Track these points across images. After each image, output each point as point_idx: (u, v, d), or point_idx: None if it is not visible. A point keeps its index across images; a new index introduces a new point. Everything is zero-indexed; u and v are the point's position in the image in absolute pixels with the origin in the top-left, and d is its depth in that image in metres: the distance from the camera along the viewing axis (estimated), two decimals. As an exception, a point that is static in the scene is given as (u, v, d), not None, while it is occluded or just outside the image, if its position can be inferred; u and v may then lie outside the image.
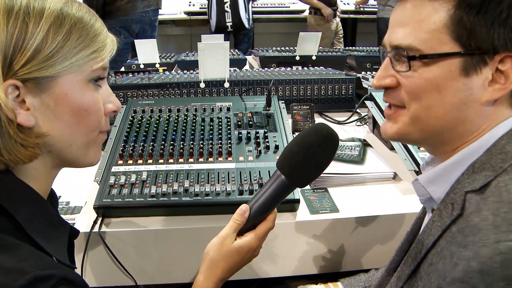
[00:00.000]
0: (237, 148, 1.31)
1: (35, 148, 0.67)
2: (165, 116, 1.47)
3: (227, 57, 1.81)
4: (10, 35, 0.62)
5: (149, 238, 1.14)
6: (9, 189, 0.68)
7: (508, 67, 0.67)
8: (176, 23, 5.99)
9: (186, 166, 1.24)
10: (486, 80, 0.68)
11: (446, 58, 0.69)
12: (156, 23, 4.02)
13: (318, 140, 0.85)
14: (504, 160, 0.67)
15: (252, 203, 0.90)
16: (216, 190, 1.15)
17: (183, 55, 2.89)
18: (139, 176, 1.19)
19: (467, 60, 0.68)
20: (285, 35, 6.14)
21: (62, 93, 0.68)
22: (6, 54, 0.62)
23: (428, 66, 0.71)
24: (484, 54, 0.67)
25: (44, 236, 0.69)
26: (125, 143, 1.33)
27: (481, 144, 0.71)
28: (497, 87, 0.68)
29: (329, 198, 1.26)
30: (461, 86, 0.70)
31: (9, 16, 0.62)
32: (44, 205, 0.73)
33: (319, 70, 2.20)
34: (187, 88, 1.85)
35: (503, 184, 0.65)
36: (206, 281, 0.88)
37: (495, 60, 0.67)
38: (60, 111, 0.68)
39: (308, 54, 2.70)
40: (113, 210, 1.14)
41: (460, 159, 0.73)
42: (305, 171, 0.87)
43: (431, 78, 0.71)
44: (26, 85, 0.64)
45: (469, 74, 0.69)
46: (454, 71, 0.69)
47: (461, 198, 0.69)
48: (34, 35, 0.63)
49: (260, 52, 2.95)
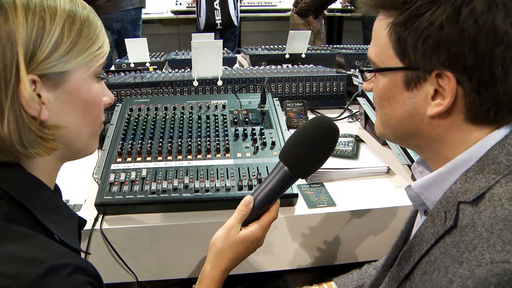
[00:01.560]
0: (234, 144, 1.33)
1: (55, 141, 0.70)
2: (161, 114, 1.49)
3: (220, 56, 1.83)
4: (30, 31, 0.64)
5: (150, 235, 1.15)
6: (20, 181, 0.70)
7: (445, 83, 0.68)
8: (163, 22, 5.98)
9: (185, 163, 1.25)
10: (428, 95, 0.70)
11: (392, 72, 0.73)
12: (139, 21, 4.01)
13: (319, 132, 0.88)
14: (497, 171, 0.68)
15: (256, 194, 0.92)
16: (216, 186, 1.17)
17: (173, 54, 2.89)
18: (139, 173, 1.21)
19: (408, 75, 0.71)
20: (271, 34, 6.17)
21: (75, 88, 0.70)
22: (28, 49, 0.63)
23: (382, 78, 0.76)
24: (420, 70, 0.69)
25: (56, 225, 0.71)
26: (123, 141, 1.34)
27: (472, 154, 0.71)
28: (437, 102, 0.70)
29: (325, 193, 1.28)
30: (406, 99, 0.73)
31: (27, 12, 0.64)
32: (52, 196, 0.76)
33: (309, 68, 2.23)
34: (180, 87, 1.86)
35: (497, 197, 0.65)
36: (213, 270, 0.90)
37: (432, 76, 0.69)
38: (72, 105, 0.71)
39: (298, 52, 2.72)
40: (114, 207, 1.15)
41: (452, 167, 0.74)
42: (307, 162, 0.90)
43: (383, 89, 0.76)
44: (42, 80, 0.66)
45: (410, 88, 0.72)
46: (399, 85, 0.73)
47: (454, 208, 0.70)
48: (51, 32, 0.65)
49: (250, 50, 2.96)
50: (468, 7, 0.63)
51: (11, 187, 0.68)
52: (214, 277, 0.90)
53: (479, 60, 0.65)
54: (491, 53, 0.64)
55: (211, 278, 0.90)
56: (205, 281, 0.90)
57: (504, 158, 0.68)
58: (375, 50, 0.76)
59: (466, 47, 0.64)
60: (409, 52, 0.69)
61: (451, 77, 0.66)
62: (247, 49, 3.02)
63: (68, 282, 0.61)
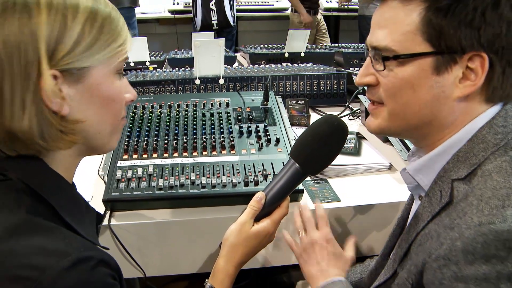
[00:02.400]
0: (239, 141, 1.35)
1: (74, 135, 0.71)
2: (165, 111, 1.50)
3: (222, 54, 1.84)
4: (52, 28, 0.65)
5: (158, 230, 1.17)
6: (40, 175, 0.71)
7: (477, 65, 0.71)
8: (160, 22, 5.98)
9: (190, 159, 1.27)
10: (457, 78, 0.73)
11: (419, 58, 0.74)
12: (131, 21, 4.00)
13: (329, 130, 0.91)
14: (485, 149, 0.73)
15: (268, 190, 0.94)
16: (222, 182, 1.18)
17: (173, 53, 2.90)
18: (146, 170, 1.22)
19: (438, 59, 0.73)
20: (268, 33, 6.19)
21: (95, 84, 0.71)
22: (49, 45, 0.65)
23: (403, 66, 0.76)
24: (454, 53, 0.71)
25: (76, 220, 0.72)
26: (128, 138, 1.36)
27: (463, 135, 0.76)
28: (468, 84, 0.73)
29: (329, 188, 1.30)
30: (433, 83, 0.74)
31: (50, 10, 0.65)
32: (73, 191, 0.77)
33: (309, 66, 2.25)
34: (182, 85, 1.87)
35: (487, 172, 0.70)
36: (227, 264, 0.92)
37: (464, 59, 0.71)
38: (92, 100, 0.72)
39: (297, 51, 2.74)
40: (122, 203, 1.16)
41: (444, 149, 0.78)
42: (317, 159, 0.92)
43: (406, 77, 0.76)
44: (64, 75, 0.67)
45: (440, 72, 0.73)
46: (427, 70, 0.74)
47: (449, 186, 0.75)
48: (73, 28, 0.67)
49: (249, 49, 2.98)
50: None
51: (33, 181, 0.69)
52: (228, 271, 0.92)
53: (510, 41, 0.70)
54: None
55: (225, 272, 0.92)
56: (219, 275, 0.92)
57: (492, 137, 0.73)
58: (394, 37, 0.75)
59: (503, 30, 0.69)
60: (448, 35, 0.71)
61: (485, 58, 0.70)
62: (246, 48, 3.03)
63: (92, 274, 0.62)
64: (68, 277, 0.59)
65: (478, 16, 0.69)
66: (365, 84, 0.83)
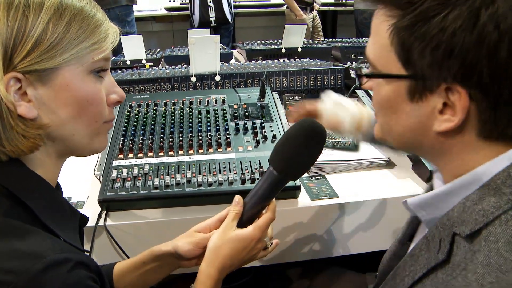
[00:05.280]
0: (235, 138, 1.33)
1: (36, 139, 0.67)
2: (161, 110, 1.49)
3: (218, 51, 1.83)
4: (11, 29, 0.62)
5: (154, 230, 1.15)
6: (19, 178, 0.69)
7: (456, 98, 0.58)
8: (156, 19, 5.96)
9: (186, 157, 1.25)
10: (435, 109, 0.61)
11: (394, 80, 0.64)
12: (128, 19, 3.96)
13: (304, 134, 0.87)
14: (497, 205, 0.59)
15: (249, 197, 0.94)
16: (218, 180, 1.17)
17: (169, 51, 2.89)
18: (141, 169, 1.21)
19: (412, 84, 0.62)
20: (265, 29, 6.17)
21: (64, 85, 0.68)
22: (7, 47, 0.62)
23: (383, 84, 0.67)
24: (426, 81, 0.60)
25: (57, 223, 0.70)
26: (123, 137, 1.34)
27: (474, 178, 0.63)
28: (446, 118, 0.61)
29: (327, 185, 1.29)
30: (410, 111, 0.65)
31: (9, 9, 0.62)
32: (54, 193, 0.74)
33: (306, 61, 2.23)
34: (178, 83, 1.86)
35: (494, 238, 0.57)
36: (208, 267, 0.89)
37: (441, 89, 0.59)
38: (61, 102, 0.69)
39: (294, 47, 2.72)
40: (118, 203, 1.15)
41: (451, 190, 0.66)
42: (294, 164, 0.89)
43: (384, 96, 0.67)
44: (27, 77, 0.64)
45: (414, 100, 0.63)
46: (403, 95, 0.64)
47: (449, 239, 0.64)
48: (34, 27, 0.63)
49: (246, 45, 2.96)
50: (488, 10, 0.54)
51: (11, 183, 0.67)
52: (211, 274, 0.89)
53: (498, 73, 0.55)
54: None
55: (207, 275, 0.89)
56: (201, 278, 0.89)
57: (508, 190, 0.59)
58: (375, 50, 0.67)
59: (483, 58, 0.55)
60: (414, 60, 0.60)
61: (463, 93, 0.57)
62: (243, 44, 3.02)
63: (69, 277, 0.60)
64: (44, 280, 0.58)
65: (447, 39, 0.55)
66: (364, 88, 0.78)
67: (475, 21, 0.54)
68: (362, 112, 1.14)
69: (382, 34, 0.63)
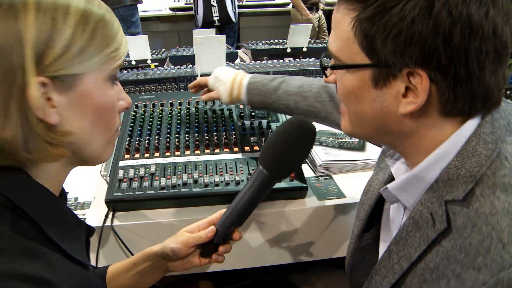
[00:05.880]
0: (241, 138, 1.33)
1: (63, 147, 0.66)
2: (167, 110, 1.48)
3: (224, 51, 1.83)
4: (40, 31, 0.61)
5: (161, 230, 1.15)
6: (24, 189, 0.66)
7: (417, 81, 0.62)
8: (161, 19, 5.96)
9: (193, 158, 1.25)
10: (399, 93, 0.65)
11: (358, 69, 0.67)
12: (132, 19, 3.93)
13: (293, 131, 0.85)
14: (479, 163, 0.65)
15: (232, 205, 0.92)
16: (225, 180, 1.16)
17: (174, 51, 2.88)
18: (148, 169, 1.21)
19: (375, 72, 0.65)
20: (270, 28, 6.16)
21: (87, 91, 0.67)
22: (37, 50, 0.60)
23: (347, 75, 0.70)
24: (389, 67, 0.63)
25: (63, 236, 0.68)
26: (130, 137, 1.34)
27: (449, 148, 0.68)
28: (410, 100, 0.65)
29: (334, 185, 1.28)
30: (375, 97, 0.68)
31: (38, 12, 0.61)
32: (60, 206, 0.72)
33: (312, 61, 2.23)
34: (184, 82, 1.86)
35: (489, 191, 0.62)
36: None
37: (403, 74, 0.63)
38: (84, 109, 0.67)
39: (299, 46, 2.71)
40: (124, 203, 1.15)
41: (429, 164, 0.70)
42: (286, 161, 0.85)
43: (349, 87, 0.70)
44: (53, 83, 0.63)
45: (379, 86, 0.66)
46: (367, 82, 0.67)
47: (442, 208, 0.67)
48: (62, 32, 0.62)
49: (251, 45, 2.95)
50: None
51: (16, 195, 0.64)
52: None
53: (454, 56, 0.59)
54: (466, 48, 0.59)
55: None
56: None
57: (483, 149, 0.65)
58: (337, 44, 0.69)
59: (440, 43, 0.59)
60: (377, 48, 0.63)
61: (424, 76, 0.61)
62: (248, 44, 3.01)
63: None
64: None
65: (406, 27, 0.59)
66: (328, 82, 0.78)
67: (431, 9, 0.58)
68: (234, 82, 1.27)
69: (345, 27, 0.66)
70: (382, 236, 0.91)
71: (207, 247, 0.97)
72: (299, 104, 1.19)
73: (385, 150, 0.87)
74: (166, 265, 1.00)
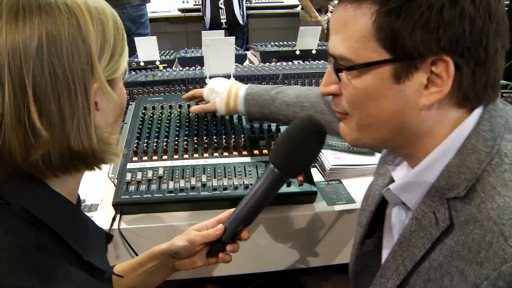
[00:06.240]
0: (251, 141, 1.32)
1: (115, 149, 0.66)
2: (175, 112, 1.48)
3: (233, 53, 1.81)
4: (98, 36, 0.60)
5: (168, 234, 1.13)
6: (47, 203, 0.64)
7: (441, 70, 0.63)
8: (170, 20, 5.96)
9: (201, 161, 1.24)
10: (421, 85, 0.65)
11: (376, 67, 0.66)
12: (141, 19, 3.90)
13: (304, 129, 0.85)
14: (479, 160, 0.66)
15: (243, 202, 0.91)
16: (234, 184, 1.15)
17: (182, 52, 2.88)
18: (156, 172, 1.20)
19: (397, 66, 0.65)
20: (279, 30, 6.14)
21: (118, 93, 0.67)
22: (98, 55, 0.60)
23: (361, 76, 0.68)
24: (413, 59, 0.64)
25: (83, 245, 0.66)
26: (138, 140, 1.33)
27: (449, 146, 0.68)
28: (434, 91, 0.65)
29: (344, 189, 1.27)
30: (395, 93, 0.67)
31: (91, 15, 0.60)
32: (77, 213, 0.70)
33: (321, 63, 2.21)
34: (192, 84, 1.85)
35: (490, 186, 0.64)
36: None
37: (426, 64, 0.63)
38: (116, 110, 0.67)
39: (308, 48, 2.70)
40: (132, 206, 1.14)
41: (430, 163, 0.70)
42: (296, 159, 0.85)
43: (365, 88, 0.68)
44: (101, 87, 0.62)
45: (401, 80, 0.65)
46: (386, 79, 0.66)
47: (444, 206, 0.68)
48: (109, 35, 0.62)
49: (260, 47, 2.94)
50: None
51: (35, 207, 0.61)
52: None
53: (476, 39, 0.62)
54: (486, 30, 0.62)
55: None
56: None
57: (482, 145, 0.66)
58: (348, 45, 0.68)
59: (466, 27, 0.61)
60: (403, 40, 0.63)
61: (449, 61, 0.62)
62: (256, 46, 3.00)
63: None
64: None
65: (435, 15, 0.61)
66: (328, 94, 0.76)
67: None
68: (230, 93, 1.27)
69: (357, 26, 0.66)
70: (385, 242, 0.90)
71: (215, 246, 0.97)
72: (298, 115, 1.19)
73: (386, 155, 0.86)
74: (173, 264, 1.00)
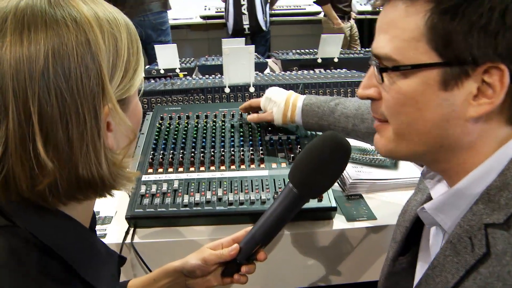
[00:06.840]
0: (269, 154, 1.28)
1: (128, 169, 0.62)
2: (193, 122, 1.45)
3: (252, 61, 1.78)
4: (108, 50, 0.55)
5: (182, 249, 1.11)
6: (58, 230, 0.60)
7: (494, 79, 0.59)
8: (192, 27, 5.98)
9: (218, 174, 1.21)
10: (470, 94, 0.60)
11: (424, 70, 0.62)
12: (162, 26, 3.89)
13: (327, 146, 0.81)
14: None
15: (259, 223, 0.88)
16: (250, 199, 1.12)
17: (203, 60, 2.87)
18: (171, 185, 1.17)
19: (447, 71, 0.61)
20: (300, 37, 6.11)
21: (133, 110, 0.63)
22: (109, 74, 0.55)
23: (406, 79, 0.64)
24: (465, 65, 0.59)
25: (93, 272, 0.62)
26: (154, 151, 1.31)
27: (492, 166, 0.64)
28: (483, 102, 0.60)
29: (365, 205, 1.22)
30: (441, 101, 0.62)
31: (102, 28, 0.55)
32: (90, 238, 0.66)
33: (343, 72, 2.17)
34: (211, 93, 1.82)
35: None
36: None
37: (479, 72, 0.59)
38: (128, 134, 0.62)
39: (330, 57, 2.66)
40: (145, 220, 1.12)
41: (469, 183, 0.66)
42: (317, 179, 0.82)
43: (409, 92, 0.64)
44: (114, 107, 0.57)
45: (449, 87, 0.61)
46: (433, 85, 0.62)
47: (481, 232, 0.62)
48: (122, 51, 0.57)
49: (281, 55, 2.91)
50: None
51: (45, 234, 0.58)
52: None
53: None
54: None
55: None
56: None
57: None
58: (395, 44, 0.64)
59: None
60: (457, 43, 0.58)
61: (505, 70, 0.58)
62: (278, 54, 2.97)
63: None
64: None
65: (496, 19, 0.56)
66: (366, 97, 0.72)
67: None
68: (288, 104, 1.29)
69: (407, 25, 0.62)
70: (420, 262, 0.85)
71: (230, 266, 0.93)
72: (357, 127, 1.16)
73: (425, 171, 0.81)
74: (186, 282, 0.96)
